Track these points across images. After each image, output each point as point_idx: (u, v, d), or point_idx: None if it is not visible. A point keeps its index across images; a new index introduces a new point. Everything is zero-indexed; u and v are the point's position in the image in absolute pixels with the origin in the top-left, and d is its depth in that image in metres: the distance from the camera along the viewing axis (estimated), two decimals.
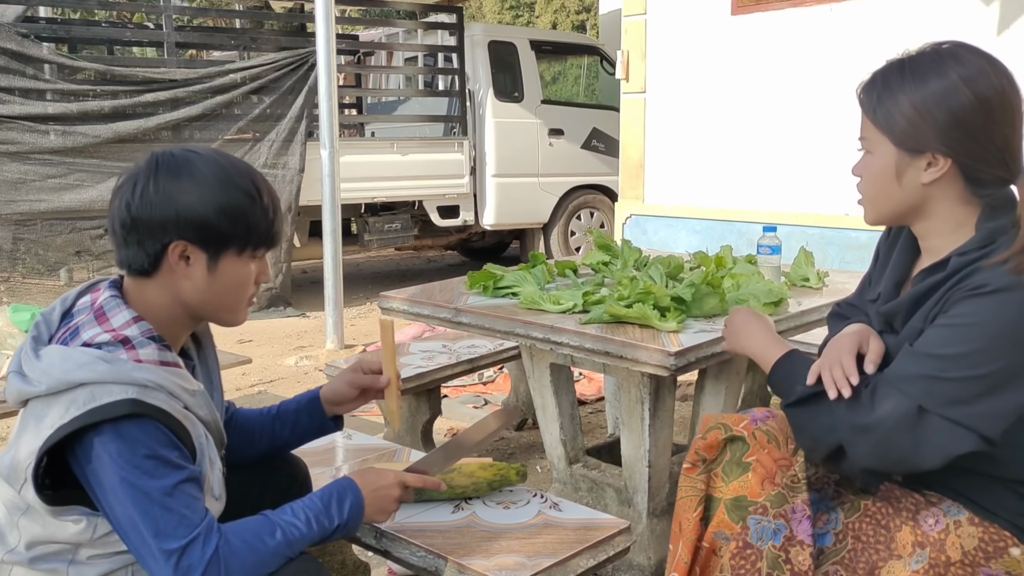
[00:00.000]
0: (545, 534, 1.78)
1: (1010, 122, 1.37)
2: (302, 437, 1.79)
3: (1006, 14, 4.15)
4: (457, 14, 7.69)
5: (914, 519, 1.46)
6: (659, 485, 2.44)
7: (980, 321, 1.29)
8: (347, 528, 1.49)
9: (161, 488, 1.29)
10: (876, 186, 1.46)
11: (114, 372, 1.31)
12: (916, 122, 1.37)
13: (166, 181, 1.37)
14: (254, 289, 1.49)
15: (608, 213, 8.24)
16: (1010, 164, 1.37)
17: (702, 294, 2.15)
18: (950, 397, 1.29)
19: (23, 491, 1.33)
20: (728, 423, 1.53)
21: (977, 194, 1.39)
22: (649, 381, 2.26)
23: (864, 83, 1.48)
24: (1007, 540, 1.41)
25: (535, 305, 2.33)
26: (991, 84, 1.36)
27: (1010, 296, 1.28)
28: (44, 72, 5.86)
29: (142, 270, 1.40)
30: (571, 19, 28.15)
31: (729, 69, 5.26)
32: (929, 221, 1.44)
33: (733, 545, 1.47)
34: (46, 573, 1.37)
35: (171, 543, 1.29)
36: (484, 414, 3.99)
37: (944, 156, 1.37)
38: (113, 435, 1.29)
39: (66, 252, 5.84)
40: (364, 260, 9.60)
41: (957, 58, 1.38)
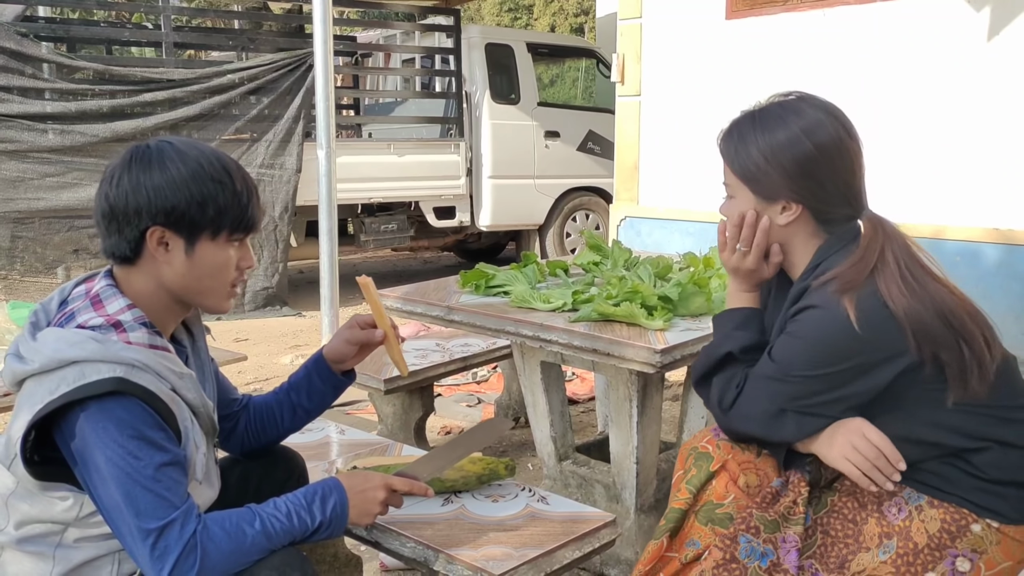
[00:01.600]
0: (532, 526, 1.81)
1: (849, 167, 1.54)
2: (321, 400, 1.81)
3: (996, 21, 4.20)
4: (454, 16, 7.73)
5: (879, 511, 1.52)
6: (647, 481, 2.48)
7: (806, 334, 1.49)
8: (331, 527, 1.51)
9: (144, 468, 1.33)
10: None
11: (103, 351, 1.35)
12: (767, 171, 1.54)
13: (138, 171, 1.43)
14: (236, 274, 1.53)
15: (603, 215, 8.28)
16: (852, 203, 1.56)
17: (688, 293, 2.19)
18: (792, 394, 1.50)
19: (13, 467, 1.38)
20: (695, 443, 1.68)
21: (827, 230, 1.56)
22: (637, 379, 2.30)
23: (723, 133, 1.64)
24: (967, 517, 1.47)
25: (525, 303, 2.37)
26: (828, 133, 1.52)
27: (826, 313, 1.45)
28: (43, 71, 5.89)
29: (125, 257, 1.45)
30: (569, 21, 28.23)
31: (723, 73, 5.31)
32: (791, 256, 1.61)
33: (718, 554, 1.52)
34: (34, 556, 1.41)
35: (150, 523, 1.32)
36: (477, 413, 4.03)
37: (795, 202, 1.54)
38: (99, 412, 1.33)
39: (64, 250, 5.87)
40: (360, 260, 9.63)
41: (798, 111, 1.55)
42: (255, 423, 1.82)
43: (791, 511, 1.56)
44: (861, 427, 1.49)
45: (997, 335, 1.51)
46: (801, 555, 1.53)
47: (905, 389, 1.47)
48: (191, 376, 1.51)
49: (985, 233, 4.31)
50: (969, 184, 4.35)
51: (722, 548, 1.52)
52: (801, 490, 1.58)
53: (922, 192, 4.44)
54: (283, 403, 1.80)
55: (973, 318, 1.48)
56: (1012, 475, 1.47)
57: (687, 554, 1.59)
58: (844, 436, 1.49)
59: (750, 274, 1.63)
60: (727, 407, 1.59)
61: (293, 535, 1.47)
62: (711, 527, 1.59)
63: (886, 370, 1.45)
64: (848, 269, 1.46)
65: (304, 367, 1.82)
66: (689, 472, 1.66)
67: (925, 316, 1.43)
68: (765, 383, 1.53)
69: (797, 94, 1.60)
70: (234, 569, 1.39)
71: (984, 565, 1.47)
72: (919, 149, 4.48)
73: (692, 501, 1.63)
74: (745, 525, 1.54)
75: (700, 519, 1.61)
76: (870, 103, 4.51)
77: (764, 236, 1.58)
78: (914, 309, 1.42)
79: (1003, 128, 4.21)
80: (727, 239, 1.62)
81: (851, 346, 1.43)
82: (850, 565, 1.50)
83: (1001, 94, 4.20)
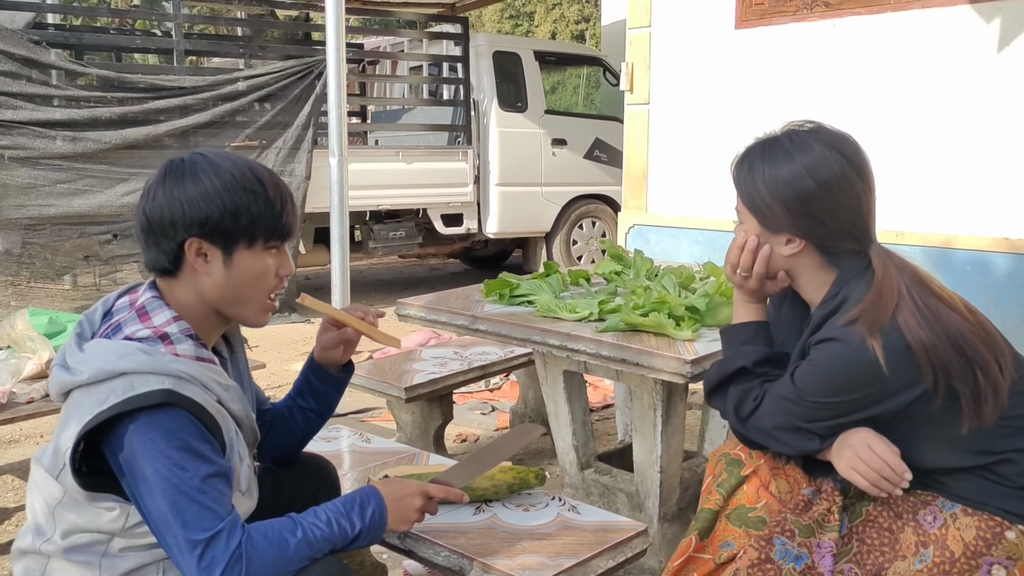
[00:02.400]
0: (565, 536, 1.83)
1: (853, 205, 1.56)
2: (327, 400, 1.82)
3: (1005, 32, 4.22)
4: (462, 24, 7.77)
5: (915, 519, 1.55)
6: (670, 490, 2.50)
7: (824, 365, 1.52)
8: (370, 534, 1.53)
9: (191, 480, 1.34)
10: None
11: (152, 363, 1.37)
12: (772, 205, 1.58)
13: (172, 184, 1.46)
14: (275, 282, 1.54)
15: (610, 223, 8.30)
16: (859, 237, 1.58)
17: (716, 304, 2.21)
18: (808, 417, 1.55)
19: (61, 477, 1.39)
20: (726, 449, 1.73)
21: (832, 263, 1.60)
22: (662, 388, 2.32)
23: (736, 160, 1.67)
24: (1001, 525, 1.50)
25: (551, 313, 2.39)
26: (833, 171, 1.54)
27: (846, 347, 1.48)
28: (55, 78, 5.91)
29: (165, 270, 1.48)
30: (570, 28, 28.30)
31: (732, 82, 5.34)
32: (798, 282, 1.65)
33: (753, 554, 1.54)
34: (80, 565, 1.42)
35: (197, 534, 1.33)
36: (492, 420, 4.04)
37: (798, 237, 1.58)
38: (148, 424, 1.34)
39: (74, 257, 5.88)
40: (367, 267, 9.65)
41: (804, 147, 1.57)
42: (275, 430, 1.84)
43: (826, 518, 1.58)
44: (867, 439, 1.52)
45: (1008, 355, 1.53)
46: (837, 561, 1.55)
47: (919, 414, 1.50)
48: (236, 388, 1.53)
49: (995, 243, 4.33)
50: (979, 194, 4.37)
51: (757, 549, 1.55)
52: (836, 499, 1.61)
53: (933, 202, 4.46)
54: (292, 408, 1.82)
55: (986, 343, 1.50)
56: None
57: (721, 555, 1.62)
58: (850, 449, 1.53)
59: (753, 293, 1.69)
60: (745, 417, 1.64)
61: (334, 543, 1.48)
62: (745, 529, 1.62)
63: (901, 397, 1.49)
64: (870, 308, 1.49)
65: (302, 372, 1.83)
66: (720, 476, 1.70)
67: (941, 349, 1.46)
68: (783, 403, 1.57)
69: (811, 125, 1.62)
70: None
71: (1020, 572, 1.49)
72: (929, 159, 4.50)
73: (723, 504, 1.67)
74: (780, 528, 1.57)
75: (733, 521, 1.64)
76: (880, 113, 4.53)
77: (764, 263, 1.63)
78: (932, 342, 1.46)
79: (1013, 138, 4.23)
80: (732, 257, 1.68)
81: (867, 380, 1.48)
82: (887, 573, 1.52)
83: (1011, 104, 4.22)
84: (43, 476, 1.43)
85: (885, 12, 4.61)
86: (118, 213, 5.96)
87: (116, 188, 5.94)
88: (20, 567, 1.48)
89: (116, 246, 6.01)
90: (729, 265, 1.69)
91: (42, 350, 3.00)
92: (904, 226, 4.35)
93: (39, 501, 1.45)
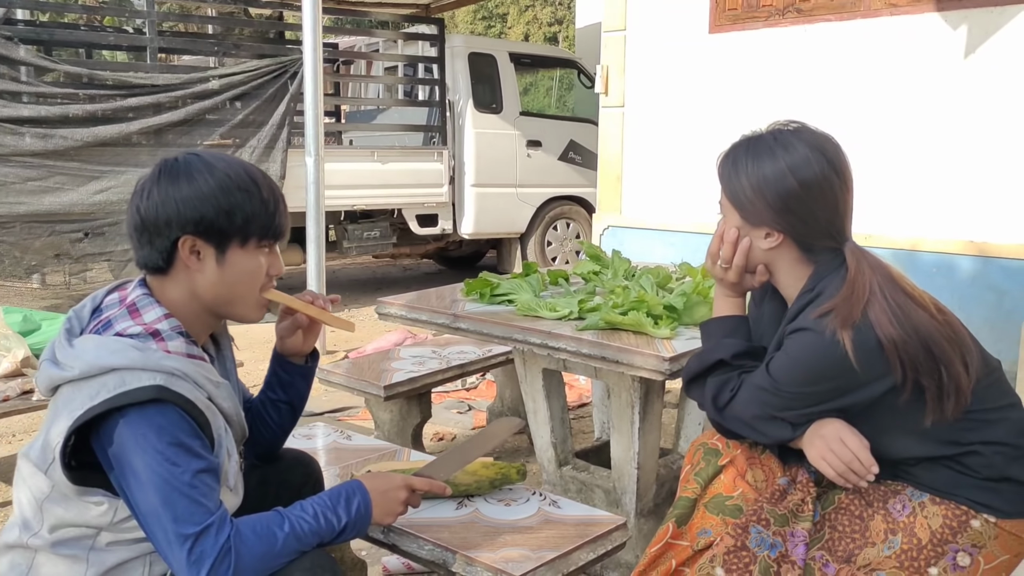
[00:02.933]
0: (546, 529, 1.86)
1: (832, 204, 1.62)
2: (296, 391, 1.83)
3: (972, 39, 4.33)
4: (438, 26, 7.78)
5: (884, 508, 1.61)
6: (647, 486, 2.54)
7: (797, 355, 1.58)
8: (355, 527, 1.55)
9: (182, 475, 1.36)
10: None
11: (144, 359, 1.39)
12: (754, 201, 1.63)
13: (167, 184, 1.48)
14: (266, 280, 1.56)
15: (584, 224, 8.36)
16: (836, 236, 1.64)
17: (693, 303, 2.26)
18: (781, 406, 1.61)
19: (50, 471, 1.40)
20: (704, 439, 1.79)
21: (809, 258, 1.66)
22: (639, 386, 2.36)
23: (721, 156, 1.73)
24: (967, 514, 1.56)
25: (532, 312, 2.42)
26: (814, 172, 1.60)
27: (818, 337, 1.54)
28: (24, 75, 5.85)
29: (158, 267, 1.50)
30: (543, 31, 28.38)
31: (706, 86, 5.41)
32: (776, 276, 1.71)
33: (730, 541, 1.59)
34: (67, 559, 1.43)
35: (187, 528, 1.35)
36: (468, 419, 4.07)
37: (778, 231, 1.63)
38: (139, 420, 1.36)
39: (45, 255, 5.82)
40: (340, 267, 9.62)
41: (788, 146, 1.63)
42: (253, 426, 1.85)
43: (800, 508, 1.64)
44: (839, 431, 1.58)
45: (975, 354, 1.59)
46: (809, 548, 1.60)
47: (887, 405, 1.56)
48: (226, 385, 1.54)
49: (961, 245, 4.43)
50: (946, 198, 4.48)
51: (734, 536, 1.60)
52: (810, 489, 1.67)
53: (900, 205, 4.56)
54: (265, 402, 1.83)
55: (952, 342, 1.56)
56: (1002, 471, 1.56)
57: (699, 542, 1.66)
58: (821, 439, 1.59)
59: (733, 286, 1.74)
60: (721, 406, 1.69)
61: (321, 536, 1.50)
62: (722, 517, 1.67)
63: (870, 389, 1.54)
64: (843, 303, 1.55)
65: (270, 364, 1.84)
66: (697, 466, 1.76)
67: (910, 345, 1.52)
68: (759, 392, 1.62)
69: (795, 125, 1.68)
70: (266, 571, 1.42)
71: (983, 559, 1.55)
72: (898, 163, 4.60)
73: (701, 492, 1.72)
74: (756, 516, 1.62)
75: (710, 509, 1.69)
76: (850, 118, 4.62)
77: (743, 256, 1.68)
78: (901, 339, 1.51)
79: (979, 143, 4.34)
80: (711, 253, 1.73)
81: (838, 371, 1.53)
82: (857, 559, 1.58)
83: (977, 110, 4.33)
84: (31, 471, 1.44)
85: (855, 19, 4.71)
86: (89, 211, 5.91)
87: (88, 186, 5.89)
88: (6, 561, 1.48)
89: (87, 244, 5.96)
90: (710, 257, 1.74)
91: (17, 348, 2.98)
92: (872, 229, 4.44)
93: (26, 496, 1.45)
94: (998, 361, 1.67)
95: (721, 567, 1.57)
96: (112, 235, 6.00)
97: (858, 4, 4.70)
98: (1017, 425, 1.60)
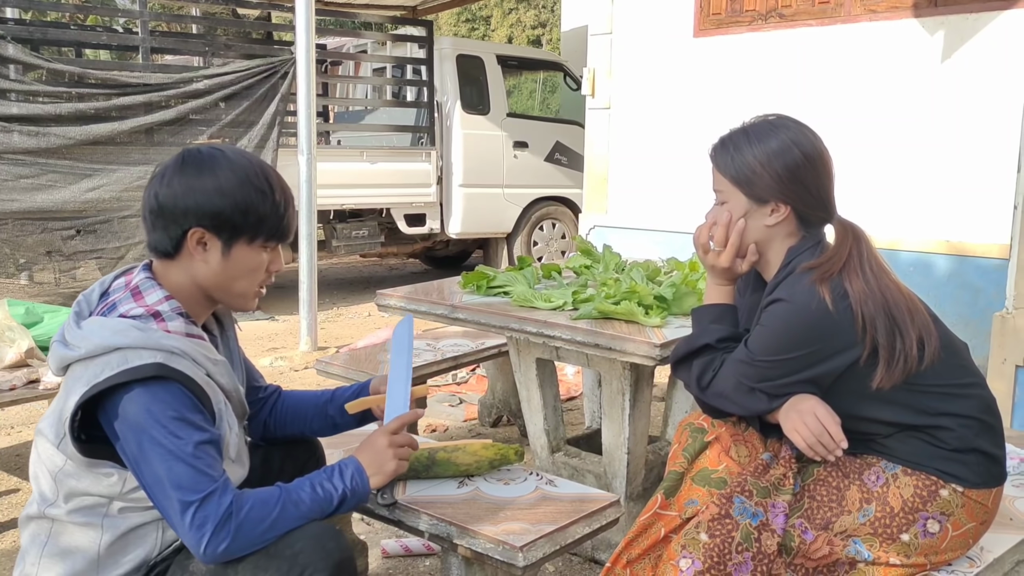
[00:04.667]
0: (544, 506, 1.96)
1: (827, 175, 1.77)
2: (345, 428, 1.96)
3: (948, 44, 4.48)
4: (427, 28, 7.87)
5: (860, 479, 1.73)
6: (636, 471, 2.65)
7: (771, 324, 1.70)
8: (355, 495, 1.64)
9: (184, 446, 1.44)
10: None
11: (145, 339, 1.48)
12: (761, 175, 1.74)
13: (190, 174, 1.56)
14: (265, 276, 1.66)
15: (570, 224, 8.48)
16: (829, 207, 1.79)
17: (682, 293, 2.37)
18: (758, 376, 1.72)
19: (62, 446, 1.49)
20: (691, 420, 1.90)
21: (803, 231, 1.78)
22: (630, 373, 2.46)
23: (716, 145, 1.84)
24: (936, 484, 1.69)
25: (527, 303, 2.53)
26: (812, 145, 1.76)
27: (790, 306, 1.67)
28: (20, 73, 5.89)
29: (166, 252, 1.58)
30: (527, 34, 28.48)
31: (691, 89, 5.54)
32: (766, 256, 1.81)
33: (715, 509, 1.70)
34: (84, 527, 1.52)
35: (190, 495, 1.43)
36: (460, 412, 4.16)
37: (784, 204, 1.74)
38: (142, 395, 1.45)
39: (36, 252, 5.86)
40: (327, 267, 9.68)
41: (785, 126, 1.78)
42: (281, 414, 1.94)
43: (781, 482, 1.75)
44: (814, 407, 1.70)
45: (935, 335, 1.71)
46: (789, 517, 1.72)
47: (861, 374, 1.68)
48: (224, 363, 1.63)
49: (937, 245, 4.58)
50: (924, 199, 4.62)
51: (718, 505, 1.71)
52: (792, 465, 1.78)
53: (880, 206, 4.70)
54: (318, 409, 1.93)
55: (914, 318, 1.69)
56: (969, 443, 1.69)
57: (687, 511, 1.78)
58: (797, 413, 1.71)
59: (725, 271, 1.84)
60: (705, 385, 1.81)
61: (321, 505, 1.58)
62: (708, 488, 1.79)
63: (841, 358, 1.67)
64: (826, 262, 1.69)
65: (351, 390, 1.95)
66: (685, 443, 1.87)
67: (873, 304, 1.66)
68: (737, 366, 1.74)
69: (776, 114, 1.83)
70: (267, 538, 1.50)
71: (951, 526, 1.68)
72: (877, 165, 4.74)
73: (688, 467, 1.84)
74: (740, 488, 1.73)
75: (697, 482, 1.81)
76: (830, 120, 4.75)
77: (738, 236, 1.79)
78: (867, 299, 1.65)
79: (955, 146, 4.49)
80: (703, 237, 1.84)
81: (811, 336, 1.66)
82: (834, 526, 1.71)
83: (954, 113, 4.48)
84: (46, 446, 1.53)
85: (836, 24, 4.85)
86: (81, 209, 5.95)
87: (80, 184, 5.93)
88: (28, 532, 1.57)
89: (79, 242, 6.00)
90: (699, 246, 1.85)
91: (21, 339, 3.05)
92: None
93: (43, 470, 1.54)
94: (966, 344, 1.79)
95: (705, 532, 1.68)
96: (103, 233, 6.05)
97: (838, 10, 4.84)
98: (983, 402, 1.73)
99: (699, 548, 1.67)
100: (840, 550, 1.67)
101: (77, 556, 1.51)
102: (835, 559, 1.68)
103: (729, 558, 1.65)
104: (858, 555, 1.67)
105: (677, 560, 1.70)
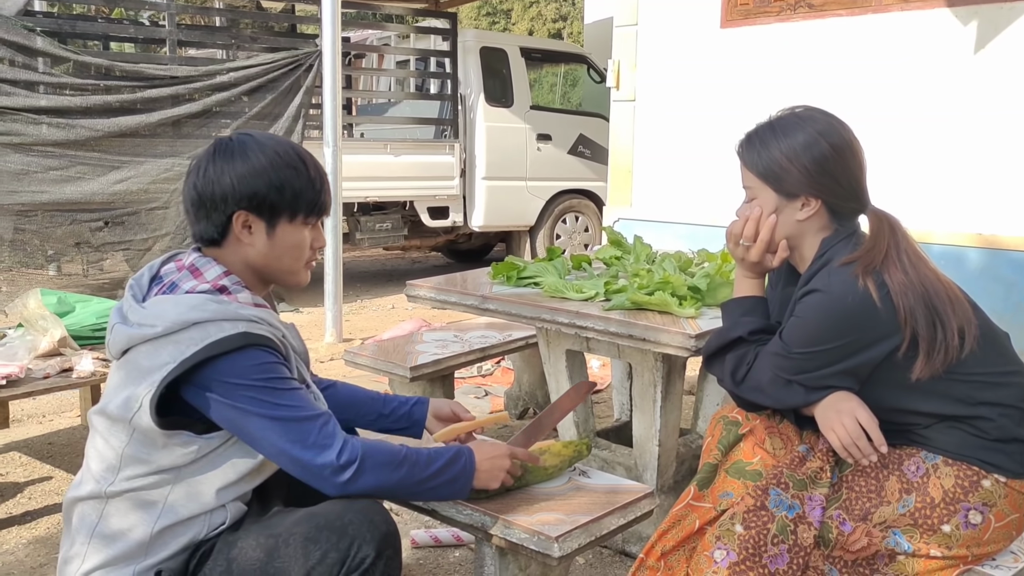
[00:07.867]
0: (578, 497, 1.95)
1: (858, 165, 1.75)
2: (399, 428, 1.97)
3: (982, 34, 4.41)
4: (451, 20, 7.87)
5: (899, 469, 1.71)
6: (667, 463, 2.63)
7: (807, 315, 1.68)
8: (456, 483, 1.67)
9: (289, 402, 1.49)
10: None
11: (223, 311, 1.50)
12: (789, 170, 1.72)
13: (223, 161, 1.59)
14: (310, 253, 1.69)
15: (593, 218, 8.45)
16: (861, 197, 1.77)
17: (716, 284, 2.35)
18: (795, 369, 1.69)
19: (135, 419, 1.48)
20: (724, 412, 1.90)
21: (836, 223, 1.76)
22: (662, 365, 2.45)
23: (743, 141, 1.82)
24: (979, 474, 1.66)
25: (559, 293, 2.51)
26: (840, 136, 1.73)
27: (825, 296, 1.65)
28: (49, 66, 5.94)
29: (212, 240, 1.62)
30: (547, 27, 28.40)
31: (717, 80, 5.49)
32: (800, 250, 1.80)
33: (750, 501, 1.69)
34: (138, 509, 1.52)
35: (309, 428, 1.49)
36: (486, 404, 4.16)
37: (815, 197, 1.73)
38: (233, 362, 1.47)
39: (66, 243, 5.91)
40: (350, 260, 9.71)
41: (811, 118, 1.75)
42: (335, 403, 1.94)
43: (818, 475, 1.73)
44: (855, 408, 1.67)
45: (974, 324, 1.68)
46: (827, 508, 1.70)
47: (900, 365, 1.66)
48: (293, 327, 1.69)
49: (969, 238, 4.52)
50: (955, 191, 4.56)
51: (754, 497, 1.70)
52: (828, 458, 1.76)
53: (911, 198, 4.64)
54: (373, 410, 1.95)
55: (954, 306, 1.67)
56: (1011, 433, 1.66)
57: (721, 503, 1.77)
58: (836, 412, 1.68)
59: (754, 265, 1.83)
60: (740, 380, 1.79)
61: (429, 477, 1.62)
62: (743, 481, 1.77)
63: (879, 348, 1.65)
64: (866, 254, 1.67)
65: (408, 401, 1.97)
66: (719, 436, 1.86)
67: (912, 295, 1.63)
68: (772, 358, 1.73)
69: (804, 106, 1.80)
70: (384, 484, 1.55)
71: (994, 517, 1.65)
72: (908, 157, 4.68)
73: (722, 459, 1.83)
74: (776, 480, 1.71)
75: (731, 474, 1.80)
76: (861, 112, 4.70)
77: (769, 231, 1.77)
78: (907, 288, 1.63)
79: (988, 137, 4.42)
80: (736, 229, 1.83)
81: (846, 325, 1.63)
82: (872, 517, 1.69)
83: (987, 104, 4.41)
84: (107, 425, 1.53)
85: (866, 14, 4.79)
86: (109, 201, 6.00)
87: (108, 176, 5.98)
88: (77, 514, 1.58)
89: (107, 233, 6.05)
90: (731, 238, 1.83)
91: (54, 329, 3.08)
92: None
93: (103, 447, 1.54)
94: (1006, 333, 1.76)
95: (740, 524, 1.67)
96: (131, 224, 6.10)
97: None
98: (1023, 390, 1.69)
99: (734, 540, 1.66)
100: (879, 542, 1.65)
101: (129, 537, 1.52)
102: (874, 551, 1.66)
103: (765, 550, 1.64)
104: (898, 547, 1.65)
105: (712, 551, 1.69)
